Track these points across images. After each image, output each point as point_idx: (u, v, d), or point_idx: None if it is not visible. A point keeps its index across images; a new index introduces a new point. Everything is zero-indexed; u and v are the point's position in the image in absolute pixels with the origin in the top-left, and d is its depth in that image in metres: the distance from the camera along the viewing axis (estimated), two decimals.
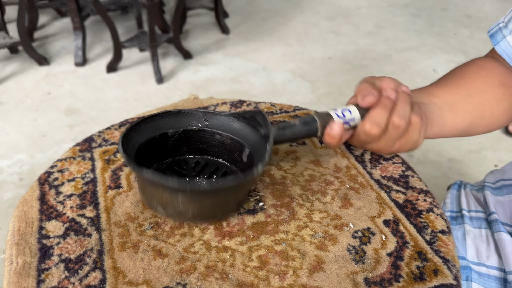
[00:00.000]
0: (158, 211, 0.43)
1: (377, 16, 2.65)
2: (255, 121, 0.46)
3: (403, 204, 0.47)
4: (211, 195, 0.41)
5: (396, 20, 2.60)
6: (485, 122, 0.58)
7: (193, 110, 0.47)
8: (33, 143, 1.58)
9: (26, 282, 0.38)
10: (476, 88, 0.58)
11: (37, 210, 0.46)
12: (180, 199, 0.40)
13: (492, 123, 0.59)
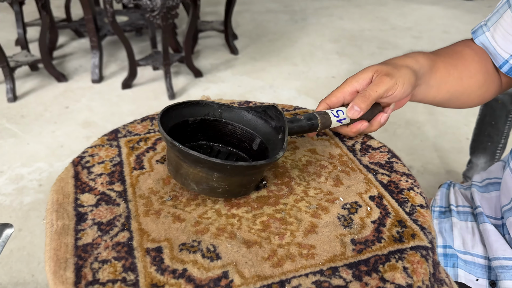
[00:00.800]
0: (191, 187, 0.48)
1: (380, 38, 2.76)
2: (266, 114, 0.54)
3: (387, 184, 0.54)
4: (243, 174, 0.47)
5: (398, 42, 2.70)
6: (459, 101, 0.67)
7: (210, 102, 0.55)
8: (52, 152, 1.67)
9: (66, 239, 0.46)
10: (468, 71, 0.66)
11: (72, 186, 0.54)
12: (215, 177, 0.47)
13: (465, 103, 0.69)
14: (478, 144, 1.33)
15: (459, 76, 0.65)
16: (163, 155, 0.59)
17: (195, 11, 2.12)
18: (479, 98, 0.69)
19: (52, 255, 0.44)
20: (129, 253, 0.44)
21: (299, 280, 0.41)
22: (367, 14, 3.13)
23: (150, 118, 0.69)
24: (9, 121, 1.87)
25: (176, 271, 0.42)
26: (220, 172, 0.46)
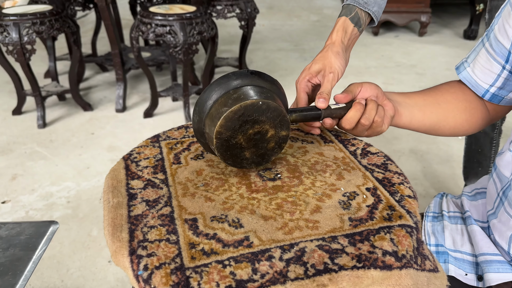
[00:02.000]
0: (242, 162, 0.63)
1: (385, 74, 2.91)
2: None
3: (381, 179, 0.65)
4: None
5: (402, 78, 2.85)
6: (449, 125, 0.78)
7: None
8: (79, 173, 1.81)
9: (120, 211, 0.58)
10: (444, 99, 0.78)
11: (124, 174, 0.66)
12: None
13: (456, 128, 0.80)
14: (469, 170, 1.44)
15: (435, 101, 0.77)
16: (196, 154, 0.71)
17: (213, 48, 2.30)
18: (467, 122, 0.79)
19: (110, 222, 0.56)
20: (171, 222, 0.56)
21: (305, 243, 0.52)
22: (373, 52, 3.31)
23: (184, 127, 0.82)
24: (39, 145, 2.03)
25: (208, 234, 0.53)
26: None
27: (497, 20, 0.73)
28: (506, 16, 0.69)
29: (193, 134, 0.78)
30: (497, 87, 0.74)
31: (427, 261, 0.58)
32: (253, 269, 0.48)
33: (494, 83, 0.74)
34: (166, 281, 0.47)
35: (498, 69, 0.73)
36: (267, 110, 0.59)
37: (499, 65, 0.72)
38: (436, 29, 3.94)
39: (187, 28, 2.00)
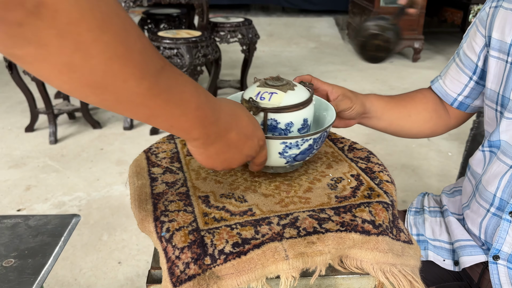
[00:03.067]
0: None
1: None
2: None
3: (364, 168, 0.77)
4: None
5: None
6: (412, 133, 0.92)
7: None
8: (89, 184, 1.92)
9: (145, 190, 0.69)
10: (416, 110, 0.91)
11: (145, 163, 0.77)
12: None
13: (418, 135, 0.94)
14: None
15: (407, 113, 0.90)
16: None
17: (216, 69, 2.45)
18: (430, 130, 0.93)
19: (137, 197, 0.68)
20: (187, 198, 0.67)
21: (298, 214, 0.63)
22: (368, 77, 3.47)
23: None
24: (51, 159, 2.14)
25: (218, 207, 0.65)
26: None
27: (465, 39, 0.86)
28: (473, 36, 0.83)
29: None
30: (464, 95, 0.87)
31: (402, 234, 0.69)
32: (255, 231, 0.59)
33: (461, 92, 0.87)
34: (185, 239, 0.58)
35: (466, 80, 0.85)
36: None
37: (467, 77, 0.85)
38: (429, 55, 4.12)
39: (193, 50, 2.15)
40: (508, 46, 0.73)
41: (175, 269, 0.56)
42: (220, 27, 2.62)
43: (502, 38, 0.75)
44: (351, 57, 4.13)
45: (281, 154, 0.67)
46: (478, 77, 0.84)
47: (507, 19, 0.74)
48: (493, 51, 0.77)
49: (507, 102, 0.74)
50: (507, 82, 0.74)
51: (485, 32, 0.80)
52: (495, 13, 0.78)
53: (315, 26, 5.38)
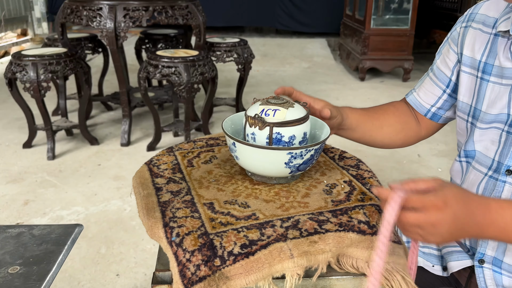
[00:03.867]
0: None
1: None
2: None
3: (355, 175, 0.82)
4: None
5: None
6: (383, 143, 0.98)
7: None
8: (87, 199, 1.94)
9: (151, 198, 0.73)
10: (388, 122, 0.96)
11: (148, 174, 0.82)
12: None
13: (389, 145, 0.99)
14: None
15: (380, 125, 0.96)
16: (206, 159, 0.87)
17: (213, 87, 2.51)
18: (401, 141, 0.98)
19: (144, 206, 0.72)
20: (193, 205, 0.71)
21: (299, 217, 0.68)
22: (359, 95, 3.55)
23: (193, 141, 0.98)
24: (49, 174, 2.17)
25: (223, 212, 0.69)
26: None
27: (438, 57, 0.93)
28: (446, 53, 0.90)
29: (201, 145, 0.94)
30: (437, 107, 0.93)
31: (392, 234, 0.74)
32: (261, 233, 0.63)
33: (435, 103, 0.93)
34: (195, 243, 0.62)
35: (439, 92, 0.92)
36: None
37: (441, 90, 0.91)
38: (418, 75, 4.23)
39: (191, 69, 2.21)
40: (478, 62, 0.81)
41: (186, 272, 0.59)
42: (216, 47, 2.69)
43: (473, 55, 0.82)
44: (343, 76, 4.23)
45: (287, 164, 0.73)
46: (451, 90, 0.90)
47: (476, 38, 0.82)
48: (465, 67, 0.84)
49: (479, 114, 0.81)
50: (479, 95, 0.81)
51: (457, 49, 0.87)
52: (465, 32, 0.85)
53: (308, 47, 5.51)
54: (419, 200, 0.57)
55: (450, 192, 0.59)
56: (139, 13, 2.30)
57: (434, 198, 0.57)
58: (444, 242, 0.62)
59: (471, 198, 0.62)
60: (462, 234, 0.61)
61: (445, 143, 2.62)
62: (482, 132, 0.80)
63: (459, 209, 0.58)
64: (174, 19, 2.37)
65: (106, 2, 2.29)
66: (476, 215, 0.60)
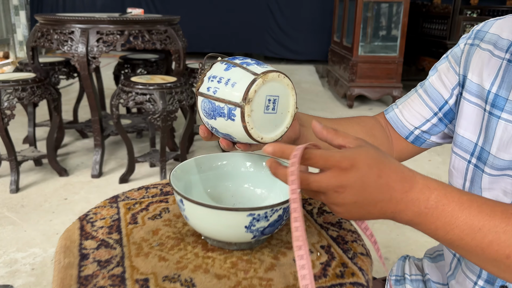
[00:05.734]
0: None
1: None
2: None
3: (335, 237, 0.66)
4: None
5: None
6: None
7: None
8: (47, 239, 1.75)
9: (71, 271, 0.57)
10: (352, 130, 0.79)
11: (78, 235, 0.65)
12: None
13: None
14: None
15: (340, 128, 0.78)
16: (154, 214, 0.71)
17: (192, 115, 2.36)
18: None
19: (59, 282, 0.55)
20: (122, 282, 0.55)
21: None
22: None
23: (145, 188, 0.82)
24: (9, 210, 1.98)
25: None
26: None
27: (433, 73, 0.78)
28: (444, 71, 0.75)
29: (153, 194, 0.79)
30: (422, 130, 0.77)
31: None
32: None
33: (420, 126, 0.77)
34: None
35: (429, 114, 0.76)
36: None
37: (431, 111, 0.76)
38: None
39: (167, 96, 2.07)
40: (487, 93, 0.65)
41: None
42: (197, 73, 2.56)
43: (481, 82, 0.67)
44: (331, 103, 4.12)
45: (248, 228, 0.57)
46: (444, 114, 0.75)
47: (484, 62, 0.67)
48: (469, 95, 0.69)
49: (487, 156, 0.65)
50: (487, 134, 0.65)
51: (459, 70, 0.72)
52: (471, 51, 0.70)
53: (295, 73, 5.43)
54: (322, 157, 0.47)
55: (364, 153, 0.47)
56: (114, 37, 2.17)
57: (339, 156, 0.46)
58: (353, 217, 0.50)
59: (392, 167, 0.49)
60: (373, 210, 0.49)
61: (437, 175, 2.48)
62: (492, 179, 0.65)
63: (370, 175, 0.47)
64: (151, 44, 2.24)
65: (78, 25, 2.16)
66: (393, 188, 0.48)
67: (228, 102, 0.54)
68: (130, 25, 2.20)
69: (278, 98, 0.56)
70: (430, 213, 0.49)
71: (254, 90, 0.53)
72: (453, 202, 0.49)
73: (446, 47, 3.69)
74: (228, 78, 0.56)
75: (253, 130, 0.53)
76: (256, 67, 0.56)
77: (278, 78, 0.55)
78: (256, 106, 0.54)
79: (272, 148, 0.48)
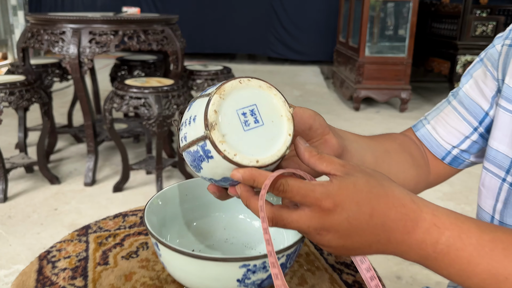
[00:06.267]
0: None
1: None
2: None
3: (351, 284, 0.54)
4: None
5: None
6: (398, 180, 0.62)
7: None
8: (33, 254, 1.63)
9: None
10: (394, 150, 0.64)
11: (34, 280, 0.53)
12: None
13: (404, 185, 0.65)
14: None
15: (385, 150, 0.63)
16: (130, 251, 0.59)
17: None
18: (414, 181, 0.66)
19: None
20: None
21: None
22: (354, 127, 3.30)
23: (122, 215, 0.70)
24: None
25: None
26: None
27: (466, 80, 0.65)
28: (481, 77, 0.62)
29: (131, 223, 0.66)
30: (461, 149, 0.64)
31: None
32: None
33: (459, 144, 0.65)
34: None
35: (468, 131, 0.64)
36: None
37: (471, 127, 0.63)
38: (416, 105, 4.00)
39: (163, 101, 1.95)
40: None
41: None
42: (196, 75, 2.44)
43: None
44: (337, 106, 3.99)
45: (241, 282, 0.45)
46: (485, 129, 0.63)
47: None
48: (506, 102, 0.57)
49: None
50: None
51: (497, 75, 0.60)
52: (509, 53, 0.58)
53: (300, 74, 5.30)
54: (299, 191, 0.39)
55: (351, 186, 0.39)
56: (107, 38, 2.05)
57: (320, 193, 0.39)
58: (346, 256, 0.45)
59: (390, 201, 0.40)
60: (367, 251, 0.42)
61: (449, 183, 2.35)
62: None
63: (359, 216, 0.39)
64: (147, 45, 2.11)
65: (70, 25, 2.04)
66: (392, 229, 0.39)
67: (197, 141, 0.41)
68: (125, 25, 2.08)
69: (255, 107, 0.42)
70: (440, 258, 0.40)
71: (213, 111, 0.40)
72: (470, 245, 0.40)
73: (456, 47, 3.56)
74: (189, 116, 0.43)
75: (239, 156, 0.40)
76: (212, 87, 0.43)
77: (241, 84, 0.42)
78: (228, 127, 0.40)
79: (241, 173, 0.40)
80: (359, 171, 0.41)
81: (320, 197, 0.38)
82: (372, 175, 0.41)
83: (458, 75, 3.52)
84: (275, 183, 0.40)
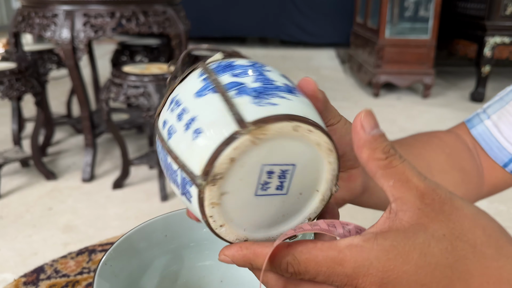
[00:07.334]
0: None
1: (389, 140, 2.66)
2: None
3: None
4: None
5: None
6: None
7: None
8: (22, 261, 1.48)
9: None
10: (438, 164, 0.49)
11: None
12: None
13: None
14: None
15: (426, 165, 0.48)
16: None
17: None
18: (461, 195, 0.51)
19: None
20: None
21: None
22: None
23: (89, 251, 0.52)
24: None
25: None
26: None
27: None
28: None
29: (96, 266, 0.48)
30: None
31: None
32: None
33: None
34: None
35: None
36: None
37: None
38: (440, 91, 3.75)
39: (164, 89, 1.76)
40: None
41: None
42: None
43: None
44: (354, 92, 3.76)
45: None
46: None
47: None
48: None
49: None
50: None
51: None
52: None
53: (314, 58, 5.07)
54: (319, 269, 0.25)
55: (418, 258, 0.24)
56: (103, 21, 1.86)
57: (354, 268, 0.24)
58: None
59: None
60: None
61: (502, 201, 2.02)
62: None
63: None
64: (147, 28, 1.92)
65: (62, 7, 1.85)
66: None
67: (182, 166, 0.24)
68: (123, 6, 1.89)
69: (293, 169, 0.25)
70: None
71: (229, 159, 0.22)
72: None
73: (484, 28, 3.28)
74: (193, 115, 0.26)
75: (225, 229, 0.24)
76: (253, 102, 0.26)
77: (294, 132, 0.24)
78: (235, 185, 0.24)
79: (231, 258, 0.26)
80: (444, 221, 0.25)
81: (352, 274, 0.24)
82: (470, 230, 0.26)
83: (487, 59, 3.25)
84: (279, 262, 0.26)
